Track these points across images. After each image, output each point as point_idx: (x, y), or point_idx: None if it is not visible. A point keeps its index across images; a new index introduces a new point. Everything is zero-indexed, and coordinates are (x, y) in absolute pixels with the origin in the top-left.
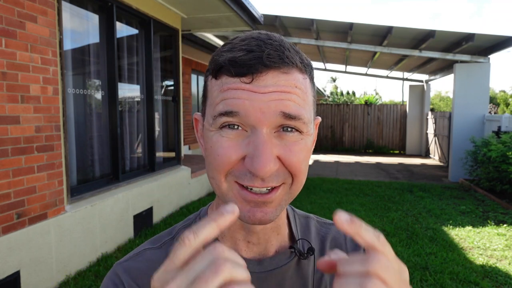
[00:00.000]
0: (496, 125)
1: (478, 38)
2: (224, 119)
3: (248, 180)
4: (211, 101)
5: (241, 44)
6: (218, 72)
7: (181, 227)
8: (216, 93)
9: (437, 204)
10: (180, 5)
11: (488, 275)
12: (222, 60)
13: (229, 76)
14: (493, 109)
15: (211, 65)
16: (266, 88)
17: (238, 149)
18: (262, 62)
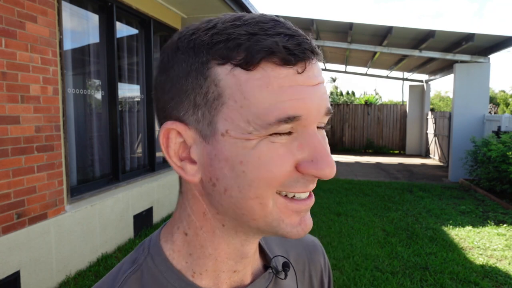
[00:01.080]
0: (496, 125)
1: (478, 38)
2: (284, 127)
3: (301, 187)
4: (246, 102)
5: (275, 28)
6: (260, 60)
7: (129, 274)
8: (256, 91)
9: (437, 204)
10: (180, 5)
11: (488, 275)
12: (267, 45)
13: (276, 66)
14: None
15: (241, 52)
16: (315, 78)
17: (292, 156)
18: (313, 50)
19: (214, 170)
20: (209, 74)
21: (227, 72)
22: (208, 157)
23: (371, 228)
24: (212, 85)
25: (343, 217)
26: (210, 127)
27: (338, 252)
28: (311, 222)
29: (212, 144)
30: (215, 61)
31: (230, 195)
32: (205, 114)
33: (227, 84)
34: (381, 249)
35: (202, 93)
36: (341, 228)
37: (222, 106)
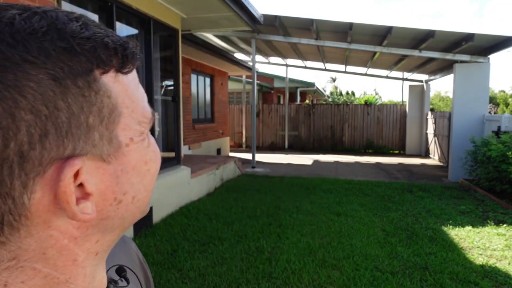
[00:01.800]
0: (496, 125)
1: (478, 38)
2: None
3: None
4: (134, 106)
5: (100, 26)
6: (130, 60)
7: None
8: (136, 91)
9: (437, 204)
10: (180, 5)
11: (487, 275)
12: (131, 46)
13: (132, 66)
14: (493, 109)
15: (117, 57)
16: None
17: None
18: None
19: (121, 186)
20: (99, 87)
21: (113, 80)
22: (111, 177)
23: (371, 228)
24: (105, 97)
25: (343, 217)
26: (111, 145)
27: (338, 252)
28: None
29: (117, 160)
30: (99, 70)
31: (137, 199)
32: (102, 133)
33: (117, 92)
34: (381, 249)
35: (96, 110)
36: (341, 228)
37: (119, 117)
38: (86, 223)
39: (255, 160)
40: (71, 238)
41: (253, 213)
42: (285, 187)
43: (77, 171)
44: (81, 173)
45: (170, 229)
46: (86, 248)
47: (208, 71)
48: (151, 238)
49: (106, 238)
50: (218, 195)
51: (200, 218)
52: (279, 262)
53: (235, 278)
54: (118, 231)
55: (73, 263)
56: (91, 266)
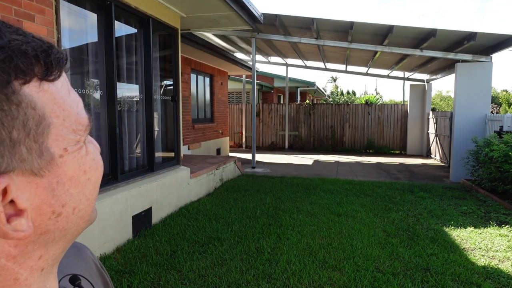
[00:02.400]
0: (498, 125)
1: (480, 37)
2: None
3: None
4: (67, 113)
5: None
6: (56, 68)
7: None
8: (67, 98)
9: (439, 204)
10: (180, 4)
11: (490, 276)
12: (55, 51)
13: (58, 72)
14: (495, 108)
15: (39, 65)
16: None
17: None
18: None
19: (59, 199)
20: (21, 99)
21: (38, 90)
22: (46, 191)
23: (372, 229)
24: (30, 109)
25: (344, 218)
26: (42, 157)
27: (339, 253)
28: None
29: (50, 173)
30: (18, 81)
31: (79, 210)
32: (30, 146)
33: (43, 102)
34: (382, 250)
35: (19, 124)
36: (341, 229)
37: (49, 128)
38: (23, 240)
39: (255, 160)
40: (8, 257)
41: (253, 213)
42: (285, 188)
43: (4, 188)
44: (10, 190)
45: (169, 230)
46: (29, 266)
47: (207, 71)
48: (150, 239)
49: (50, 252)
50: (218, 196)
51: (199, 218)
52: (279, 263)
53: (235, 279)
54: (62, 244)
55: (14, 283)
56: (37, 283)
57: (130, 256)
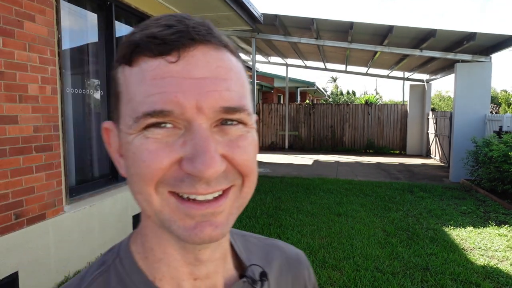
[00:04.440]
0: (498, 125)
1: (480, 37)
2: (152, 120)
3: (187, 187)
4: (129, 97)
5: (157, 21)
6: (133, 54)
7: (96, 276)
8: (135, 86)
9: (438, 204)
10: (180, 4)
11: (489, 276)
12: (137, 38)
13: (149, 58)
14: (495, 109)
15: (123, 50)
16: (198, 69)
17: (170, 152)
18: (189, 36)
19: (125, 163)
20: (114, 75)
21: (121, 71)
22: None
23: (372, 229)
24: (116, 84)
25: (344, 218)
26: (118, 123)
27: (339, 252)
28: (218, 230)
29: (126, 141)
30: (116, 63)
31: (131, 184)
32: (117, 110)
33: (120, 81)
34: (381, 249)
35: (114, 93)
36: (341, 229)
37: (120, 103)
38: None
39: None
40: None
41: (253, 213)
42: (285, 187)
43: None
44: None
45: None
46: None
47: None
48: None
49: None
50: None
51: None
52: None
53: None
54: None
55: (144, 215)
56: (161, 233)
57: None
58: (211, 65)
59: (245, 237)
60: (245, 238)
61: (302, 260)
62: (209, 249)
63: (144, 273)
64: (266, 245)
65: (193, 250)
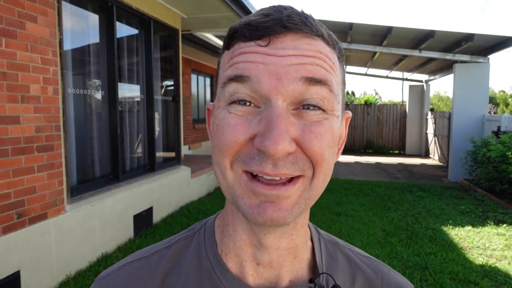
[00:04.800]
0: (496, 125)
1: (478, 38)
2: (234, 87)
3: (256, 164)
4: (221, 74)
5: (259, 11)
6: (231, 39)
7: (182, 237)
8: (226, 61)
9: (437, 204)
10: (180, 5)
11: (487, 275)
12: (236, 26)
13: (243, 42)
14: (493, 109)
15: (225, 37)
16: (285, 51)
17: (247, 127)
18: (281, 23)
19: (211, 135)
20: (219, 60)
21: (222, 56)
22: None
23: (371, 228)
24: (218, 67)
25: (343, 217)
26: (216, 100)
27: None
28: (280, 213)
29: (214, 114)
30: (221, 50)
31: (212, 161)
32: (218, 90)
33: (221, 63)
34: (381, 249)
35: (217, 74)
36: (341, 228)
37: (217, 84)
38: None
39: None
40: None
41: None
42: None
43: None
44: (210, 110)
45: (170, 229)
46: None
47: (208, 71)
48: (151, 238)
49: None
50: (218, 195)
51: (200, 218)
52: None
53: None
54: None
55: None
56: (236, 212)
57: None
58: (299, 48)
59: (338, 246)
60: (337, 247)
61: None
62: (274, 235)
63: (216, 245)
64: (361, 262)
65: (259, 233)
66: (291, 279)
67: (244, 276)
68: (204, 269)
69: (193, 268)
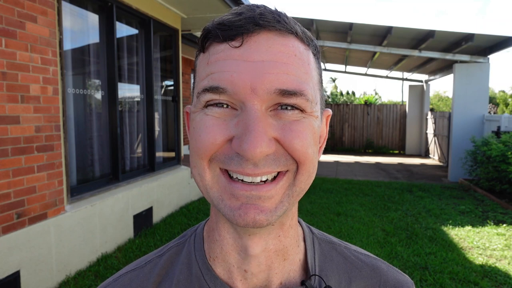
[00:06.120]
0: (496, 125)
1: (478, 38)
2: (209, 96)
3: (235, 165)
4: (198, 79)
5: (232, 10)
6: (205, 40)
7: (174, 245)
8: (202, 67)
9: (437, 204)
10: (180, 5)
11: (487, 274)
12: (209, 26)
13: (217, 44)
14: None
15: (199, 39)
16: (259, 54)
17: (224, 129)
18: (254, 21)
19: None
20: (195, 62)
21: (198, 58)
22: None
23: (371, 228)
24: (195, 68)
25: (343, 217)
26: (193, 105)
27: None
28: (262, 215)
29: (192, 118)
30: (196, 52)
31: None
32: (194, 99)
33: (197, 66)
34: (380, 249)
35: (194, 77)
36: (340, 228)
37: (194, 92)
38: None
39: None
40: None
41: None
42: None
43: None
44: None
45: (170, 229)
46: None
47: None
48: (151, 238)
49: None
50: None
51: (200, 218)
52: None
53: None
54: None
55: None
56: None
57: (131, 255)
58: (272, 49)
59: (333, 245)
60: (332, 246)
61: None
62: (259, 236)
63: (204, 251)
64: (359, 260)
65: (243, 235)
66: (282, 281)
67: (233, 282)
68: (194, 276)
69: (184, 276)
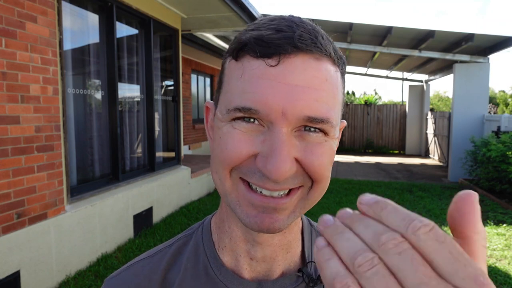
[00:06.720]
0: (496, 125)
1: (478, 38)
2: (240, 114)
3: (257, 180)
4: (228, 88)
5: (270, 23)
6: (240, 51)
7: (183, 236)
8: (235, 79)
9: (437, 204)
10: (180, 5)
11: (487, 274)
12: (246, 38)
13: (252, 57)
14: (493, 109)
15: (232, 45)
16: (293, 76)
17: (250, 145)
18: (293, 43)
19: (212, 143)
20: (223, 64)
21: (227, 62)
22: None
23: None
24: (222, 72)
25: None
26: (216, 106)
27: None
28: (276, 224)
29: (218, 126)
30: (226, 53)
31: (210, 166)
32: (218, 96)
33: (225, 72)
34: None
35: (219, 79)
36: None
37: (221, 91)
38: None
39: None
40: None
41: None
42: None
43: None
44: (208, 108)
45: (170, 229)
46: None
47: (208, 71)
48: (151, 238)
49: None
50: (218, 195)
51: (200, 218)
52: None
53: None
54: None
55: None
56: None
57: (131, 255)
58: (307, 73)
59: None
60: None
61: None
62: (267, 234)
63: (213, 241)
64: None
65: (253, 232)
66: (283, 270)
67: (238, 270)
68: (201, 264)
69: (191, 263)
